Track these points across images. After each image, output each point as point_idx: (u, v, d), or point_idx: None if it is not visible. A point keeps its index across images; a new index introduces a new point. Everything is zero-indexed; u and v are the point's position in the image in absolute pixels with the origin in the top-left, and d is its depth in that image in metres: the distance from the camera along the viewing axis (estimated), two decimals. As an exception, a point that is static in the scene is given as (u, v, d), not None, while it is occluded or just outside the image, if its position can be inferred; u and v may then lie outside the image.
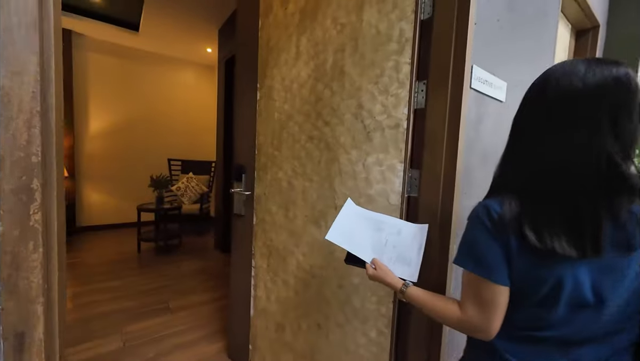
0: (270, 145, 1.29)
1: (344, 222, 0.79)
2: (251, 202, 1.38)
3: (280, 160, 1.25)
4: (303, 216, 1.17)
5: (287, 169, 1.23)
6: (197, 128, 4.53)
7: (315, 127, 1.11)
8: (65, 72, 3.50)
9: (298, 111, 1.17)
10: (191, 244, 3.48)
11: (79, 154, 3.70)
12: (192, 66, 4.40)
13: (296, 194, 1.19)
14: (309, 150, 1.14)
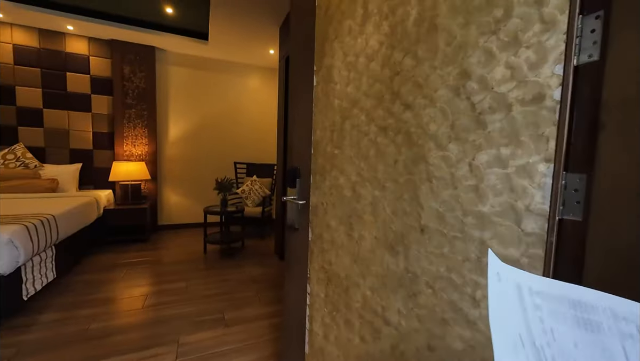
0: (329, 142, 1.02)
1: (499, 300, 0.32)
2: (306, 213, 1.13)
3: (342, 161, 0.96)
4: (372, 237, 0.86)
5: (350, 172, 0.93)
6: (261, 131, 4.59)
7: (390, 114, 0.79)
8: (149, 85, 3.90)
9: (365, 94, 0.87)
10: (253, 248, 3.46)
11: (160, 158, 4.06)
12: (256, 70, 4.48)
13: (362, 206, 0.88)
14: (380, 146, 0.82)
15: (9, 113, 3.37)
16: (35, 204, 2.62)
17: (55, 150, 3.57)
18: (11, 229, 1.80)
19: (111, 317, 1.93)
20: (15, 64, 3.36)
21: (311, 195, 1.10)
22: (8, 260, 1.74)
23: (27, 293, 1.95)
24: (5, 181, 3.07)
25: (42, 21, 3.25)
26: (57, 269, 2.34)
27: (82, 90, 3.62)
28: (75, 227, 2.64)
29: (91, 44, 3.61)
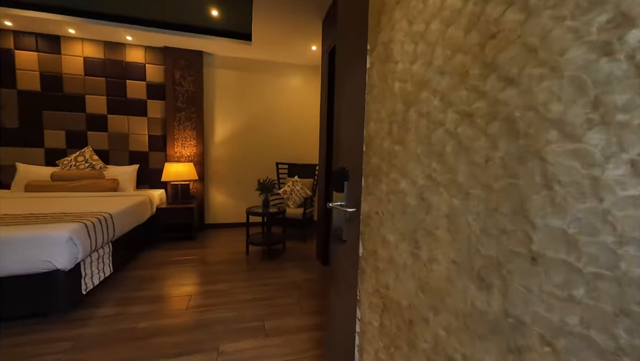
0: (386, 136, 0.82)
1: None
2: (356, 223, 0.94)
3: (404, 159, 0.76)
4: (447, 260, 0.64)
5: (416, 174, 0.72)
6: (303, 131, 4.51)
7: (480, 94, 0.57)
8: (197, 88, 4.04)
9: (440, 71, 0.66)
10: (294, 251, 3.37)
11: (207, 159, 4.20)
12: (297, 69, 4.41)
13: (434, 219, 0.68)
14: (462, 139, 0.61)
15: (80, 119, 3.74)
16: (97, 202, 2.82)
17: (117, 152, 3.87)
18: (71, 227, 1.90)
19: (157, 316, 1.95)
20: (85, 75, 3.71)
21: (362, 202, 0.92)
22: (68, 256, 1.84)
23: (86, 288, 2.07)
24: (75, 181, 3.39)
25: (106, 34, 3.53)
26: (114, 265, 2.47)
27: (139, 96, 3.88)
28: (130, 225, 2.79)
29: (147, 52, 3.85)
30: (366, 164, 0.90)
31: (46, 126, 3.66)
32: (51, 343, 1.67)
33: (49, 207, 2.51)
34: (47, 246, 1.78)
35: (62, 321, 1.87)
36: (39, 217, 2.15)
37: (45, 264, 1.78)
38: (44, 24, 3.32)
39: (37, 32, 3.54)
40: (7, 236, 1.74)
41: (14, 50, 3.52)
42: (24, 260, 1.74)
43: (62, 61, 3.63)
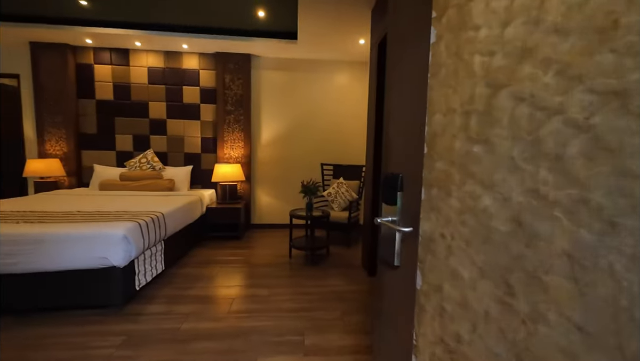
0: (459, 132, 0.60)
1: None
2: (413, 246, 0.73)
3: (489, 165, 0.53)
4: (568, 324, 0.41)
5: (508, 187, 0.50)
6: (349, 130, 4.31)
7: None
8: (245, 91, 4.12)
9: (557, 28, 0.42)
10: (338, 257, 3.20)
11: (254, 161, 4.26)
12: (344, 66, 4.22)
13: (543, 257, 0.44)
14: (602, 133, 0.37)
15: (144, 124, 4.08)
16: (154, 201, 3.01)
17: (174, 154, 4.14)
18: (126, 226, 2.00)
19: (200, 318, 1.95)
20: (149, 83, 4.03)
21: (422, 220, 0.70)
22: (123, 254, 1.93)
23: (139, 284, 2.17)
24: (138, 181, 3.69)
25: (166, 44, 3.78)
26: (165, 262, 2.58)
27: (194, 100, 4.09)
28: (181, 224, 2.91)
29: (201, 58, 4.04)
30: (428, 170, 0.69)
31: (117, 131, 4.07)
32: (107, 335, 1.76)
33: (113, 205, 2.74)
34: (104, 243, 1.89)
35: (118, 314, 1.98)
36: (103, 214, 2.33)
37: (103, 260, 1.89)
38: (116, 39, 3.68)
39: (111, 47, 3.95)
40: (70, 232, 1.88)
41: (94, 65, 3.98)
42: (84, 256, 1.87)
43: (130, 71, 4.00)
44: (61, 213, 2.36)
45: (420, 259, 0.71)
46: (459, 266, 0.60)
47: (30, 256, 1.83)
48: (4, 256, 1.81)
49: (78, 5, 3.07)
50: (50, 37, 3.68)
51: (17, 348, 1.64)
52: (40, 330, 1.80)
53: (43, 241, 1.84)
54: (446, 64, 0.63)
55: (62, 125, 3.95)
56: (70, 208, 2.57)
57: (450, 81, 0.62)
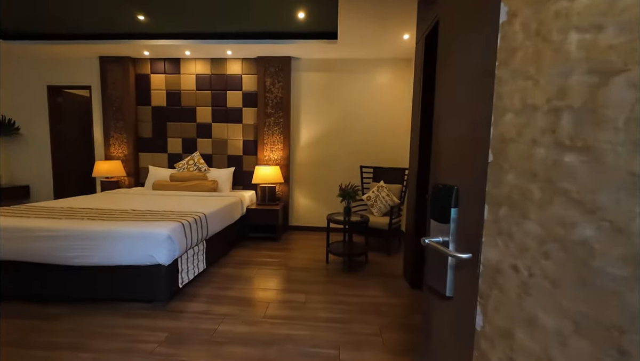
0: (542, 136, 0.46)
1: None
2: (471, 277, 0.59)
3: (588, 182, 0.39)
4: None
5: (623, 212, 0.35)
6: (391, 131, 4.11)
7: None
8: (285, 94, 4.15)
9: None
10: (377, 265, 3.04)
11: (292, 163, 4.27)
12: (386, 64, 4.03)
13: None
14: None
15: (191, 128, 4.33)
16: (198, 201, 3.15)
17: (218, 156, 4.33)
18: (171, 226, 2.09)
19: (235, 321, 1.96)
20: (197, 90, 4.27)
21: (486, 245, 0.56)
22: (167, 253, 2.02)
23: (182, 281, 2.26)
24: (186, 182, 3.92)
25: (212, 51, 3.97)
26: (207, 261, 2.68)
27: (236, 105, 4.23)
28: (222, 224, 3.00)
29: (243, 63, 4.17)
30: (495, 183, 0.55)
31: (169, 135, 4.38)
32: (151, 330, 1.85)
33: (162, 204, 2.92)
34: (151, 242, 1.99)
35: (162, 310, 2.08)
36: (153, 214, 2.48)
37: (150, 258, 1.99)
38: (169, 50, 3.95)
39: (165, 57, 4.26)
40: (123, 231, 2.02)
41: (150, 74, 4.33)
42: (133, 253, 1.99)
43: (180, 79, 4.28)
44: (119, 211, 2.57)
45: (482, 294, 0.57)
46: (541, 312, 0.46)
47: (90, 250, 2.00)
48: (70, 249, 2.01)
49: (138, 21, 3.35)
50: (115, 52, 4.09)
51: (80, 335, 1.79)
52: (95, 319, 1.95)
53: (101, 237, 2.00)
54: (523, 48, 0.49)
55: (123, 130, 4.36)
56: (127, 206, 2.79)
57: (528, 70, 0.48)
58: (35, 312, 2.02)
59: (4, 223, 2.11)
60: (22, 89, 4.59)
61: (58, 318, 1.95)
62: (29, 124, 4.63)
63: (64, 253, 2.01)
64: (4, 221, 2.14)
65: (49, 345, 1.70)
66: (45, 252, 2.03)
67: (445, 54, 0.73)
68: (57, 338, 1.75)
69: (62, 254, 2.02)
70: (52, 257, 2.03)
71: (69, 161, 4.93)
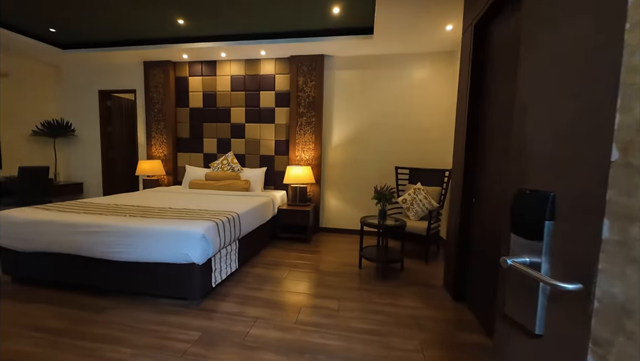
0: None
1: None
2: (578, 314, 0.45)
3: None
4: None
5: None
6: (430, 129, 3.86)
7: None
8: (318, 92, 4.07)
9: None
10: (414, 273, 2.84)
11: (324, 163, 4.19)
12: (424, 59, 3.80)
13: None
14: None
15: (226, 129, 4.42)
16: (232, 200, 3.18)
17: (251, 156, 4.37)
18: (205, 225, 2.10)
19: (268, 325, 1.91)
20: (232, 91, 4.35)
21: (604, 274, 0.41)
22: (201, 251, 2.02)
23: (215, 281, 2.26)
24: (220, 181, 4.00)
25: (247, 53, 4.01)
26: (239, 260, 2.67)
27: (269, 105, 4.25)
28: (254, 224, 2.99)
29: (277, 63, 4.17)
30: (622, 190, 0.40)
31: (205, 136, 4.51)
32: (186, 329, 1.85)
33: (198, 203, 2.98)
34: (185, 240, 2.00)
35: (195, 308, 2.09)
36: (189, 212, 2.52)
37: (184, 256, 2.01)
38: (206, 53, 4.06)
39: (202, 60, 4.39)
40: (158, 228, 2.06)
41: (188, 77, 4.49)
42: (169, 250, 2.02)
43: (216, 81, 4.38)
44: (157, 208, 2.65)
45: (598, 340, 0.42)
46: None
47: (129, 247, 2.07)
48: (112, 245, 2.09)
49: (178, 25, 3.47)
50: (158, 56, 4.29)
51: (120, 329, 1.85)
52: (134, 313, 2.01)
53: (139, 234, 2.06)
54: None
55: (163, 131, 4.57)
56: (164, 204, 2.88)
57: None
58: (82, 303, 2.13)
59: (59, 217, 2.25)
60: (78, 94, 5.00)
61: (102, 311, 2.03)
62: (83, 126, 5.04)
63: (107, 248, 2.10)
64: (59, 215, 2.29)
65: (93, 337, 1.76)
66: (92, 246, 2.13)
67: (534, 30, 0.58)
68: (100, 330, 1.82)
69: (105, 249, 2.11)
70: (97, 251, 2.13)
71: (117, 160, 5.29)
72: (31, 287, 2.34)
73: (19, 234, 2.27)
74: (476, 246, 2.10)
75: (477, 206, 2.11)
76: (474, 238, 2.14)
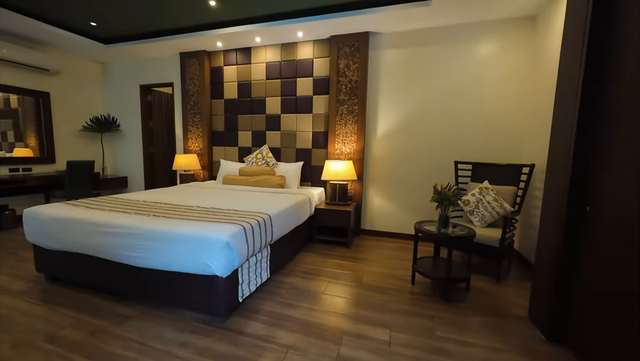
0: None
1: None
2: None
3: None
4: None
5: None
6: (502, 117, 3.16)
7: None
8: (361, 77, 3.51)
9: None
10: (485, 295, 2.27)
11: (367, 157, 3.70)
12: (495, 29, 3.09)
13: None
14: None
15: (261, 121, 4.13)
16: (265, 199, 2.86)
17: (286, 150, 4.04)
18: (230, 230, 1.77)
19: (303, 357, 1.53)
20: (266, 79, 4.04)
21: None
22: (225, 262, 1.70)
23: (243, 294, 1.94)
24: (254, 176, 3.72)
25: (282, 36, 3.65)
26: (271, 268, 2.34)
27: (307, 93, 3.85)
28: (289, 226, 2.64)
29: (315, 46, 3.74)
30: None
31: (239, 128, 4.27)
32: (207, 357, 1.55)
33: (228, 201, 2.70)
34: (206, 248, 1.70)
35: (222, 327, 1.79)
36: (216, 212, 2.24)
37: (206, 267, 1.70)
38: (240, 38, 3.78)
39: (236, 48, 4.13)
40: (176, 232, 1.77)
41: (223, 67, 4.27)
42: (188, 259, 1.73)
43: (251, 69, 4.10)
44: (184, 207, 2.41)
45: None
46: None
47: (148, 252, 1.82)
48: (132, 248, 1.86)
49: (209, 8, 3.21)
50: (193, 46, 4.12)
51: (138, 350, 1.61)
52: (154, 329, 1.76)
53: (156, 238, 1.80)
54: None
55: (199, 124, 4.43)
56: (193, 202, 2.65)
57: None
58: (105, 310, 1.95)
59: (82, 215, 2.10)
60: (121, 89, 5.09)
61: (122, 323, 1.82)
62: (127, 121, 5.13)
63: (127, 251, 1.88)
64: (82, 213, 2.14)
65: (106, 357, 1.54)
66: (113, 249, 1.93)
67: None
68: (115, 349, 1.59)
69: (126, 253, 1.89)
70: (119, 255, 1.92)
71: (157, 154, 5.34)
72: (60, 287, 2.25)
73: (46, 231, 2.17)
74: (592, 271, 1.49)
75: (595, 217, 1.49)
76: (587, 261, 1.53)
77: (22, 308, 1.97)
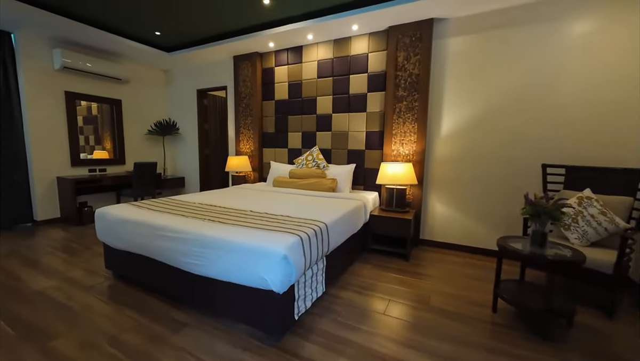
0: None
1: None
2: None
3: None
4: None
5: None
6: (603, 111, 2.56)
7: None
8: (423, 69, 3.07)
9: None
10: (593, 334, 1.79)
11: (429, 159, 3.33)
12: (588, 2, 2.50)
13: None
14: None
15: (311, 121, 3.99)
16: (317, 204, 2.69)
17: (338, 151, 3.83)
18: (288, 242, 1.61)
19: (369, 399, 1.30)
20: (318, 77, 3.88)
21: None
22: (282, 277, 1.55)
23: (299, 311, 1.78)
24: (304, 179, 3.59)
25: (336, 30, 3.45)
26: (326, 281, 2.15)
27: (360, 90, 3.60)
28: (345, 235, 2.43)
29: (370, 39, 3.48)
30: None
31: (290, 130, 4.19)
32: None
33: (280, 206, 2.58)
34: (263, 260, 1.56)
35: (275, 346, 1.65)
36: (270, 218, 2.12)
37: (261, 281, 1.56)
38: (292, 37, 3.68)
39: (288, 47, 4.05)
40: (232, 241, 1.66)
41: (274, 67, 4.23)
42: (243, 270, 1.62)
43: (302, 68, 3.98)
44: (237, 211, 2.35)
45: None
46: None
47: (203, 259, 1.76)
48: (188, 255, 1.81)
49: (262, 7, 3.15)
50: (246, 48, 4.15)
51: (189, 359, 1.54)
52: (207, 340, 1.68)
53: (212, 246, 1.72)
54: None
55: (250, 126, 4.46)
56: (246, 205, 2.58)
57: None
58: (164, 315, 1.94)
59: (142, 217, 2.13)
60: (181, 94, 5.38)
61: (178, 331, 1.78)
62: (185, 124, 5.41)
63: (184, 257, 1.84)
64: (143, 215, 2.18)
65: (161, 367, 1.49)
66: (170, 254, 1.91)
67: None
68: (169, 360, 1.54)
69: (183, 259, 1.85)
70: (177, 261, 1.90)
71: (211, 156, 5.55)
72: (127, 286, 2.33)
73: (113, 231, 2.26)
74: None
75: None
76: None
77: (92, 305, 2.05)
